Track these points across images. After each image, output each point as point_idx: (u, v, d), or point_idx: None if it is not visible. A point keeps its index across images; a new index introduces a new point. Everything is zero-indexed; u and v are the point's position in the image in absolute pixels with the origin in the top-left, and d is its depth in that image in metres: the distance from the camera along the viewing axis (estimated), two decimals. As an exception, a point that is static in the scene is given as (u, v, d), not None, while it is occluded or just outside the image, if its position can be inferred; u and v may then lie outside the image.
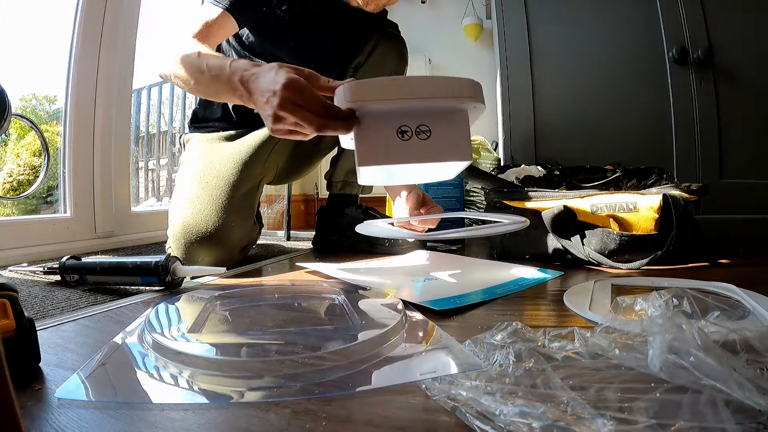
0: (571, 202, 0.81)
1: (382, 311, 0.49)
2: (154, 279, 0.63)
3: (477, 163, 1.49)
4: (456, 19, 2.10)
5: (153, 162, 1.96)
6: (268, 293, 0.60)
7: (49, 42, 1.18)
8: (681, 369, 0.27)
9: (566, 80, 1.43)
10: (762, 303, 0.46)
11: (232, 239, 0.84)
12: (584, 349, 0.32)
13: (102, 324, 0.50)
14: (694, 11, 1.31)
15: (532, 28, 1.44)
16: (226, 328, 0.48)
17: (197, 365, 0.34)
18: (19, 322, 0.34)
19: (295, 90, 0.50)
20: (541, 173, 0.96)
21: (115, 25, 1.18)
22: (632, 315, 0.41)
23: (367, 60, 0.98)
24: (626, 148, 1.35)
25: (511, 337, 0.35)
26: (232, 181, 0.85)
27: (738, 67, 1.30)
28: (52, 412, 0.29)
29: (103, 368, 0.35)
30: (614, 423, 0.23)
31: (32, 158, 1.34)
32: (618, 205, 0.78)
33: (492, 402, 0.26)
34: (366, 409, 0.29)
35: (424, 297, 0.54)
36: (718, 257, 0.81)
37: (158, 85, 1.88)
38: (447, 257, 0.90)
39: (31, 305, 0.57)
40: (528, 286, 0.62)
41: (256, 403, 0.30)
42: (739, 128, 1.30)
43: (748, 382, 0.24)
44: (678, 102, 1.33)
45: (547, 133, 1.43)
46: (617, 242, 0.75)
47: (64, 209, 1.13)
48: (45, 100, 1.30)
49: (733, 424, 0.22)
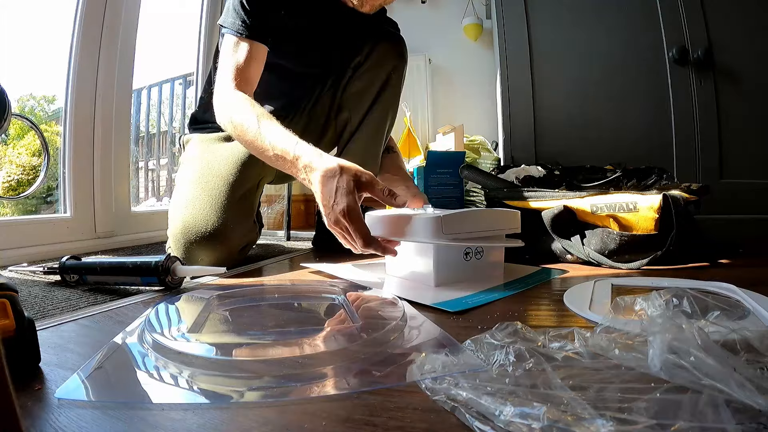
0: (571, 202, 0.81)
1: (383, 311, 0.49)
2: (154, 279, 0.63)
3: (477, 163, 1.49)
4: (456, 19, 2.10)
5: (153, 162, 1.96)
6: (268, 293, 0.60)
7: (48, 42, 1.18)
8: (681, 369, 0.27)
9: (566, 80, 1.43)
10: (762, 303, 0.46)
11: (231, 239, 0.84)
12: (584, 349, 0.32)
13: (102, 324, 0.50)
14: (694, 11, 1.31)
15: (532, 28, 1.44)
16: (226, 328, 0.48)
17: (197, 365, 0.34)
18: (19, 322, 0.34)
19: (349, 218, 0.59)
20: (541, 173, 0.96)
21: (115, 25, 1.18)
22: (632, 315, 0.41)
23: (367, 59, 0.98)
24: (626, 148, 1.35)
25: (511, 337, 0.35)
26: (232, 181, 0.85)
27: (738, 67, 1.30)
28: (52, 412, 0.29)
29: (103, 368, 0.35)
30: (614, 423, 0.23)
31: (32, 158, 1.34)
32: (618, 205, 0.78)
33: (492, 402, 0.26)
34: (366, 409, 0.29)
35: (428, 298, 0.54)
36: (718, 257, 0.81)
37: (158, 85, 1.88)
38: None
39: (31, 305, 0.57)
40: (528, 286, 0.62)
41: (256, 403, 0.30)
42: (739, 128, 1.30)
43: (748, 382, 0.24)
44: (678, 102, 1.33)
45: (547, 133, 1.43)
46: (617, 242, 0.75)
47: (64, 209, 1.13)
48: (44, 100, 1.30)
49: (733, 424, 0.22)
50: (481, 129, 1.88)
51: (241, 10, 0.79)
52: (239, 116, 0.74)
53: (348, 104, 1.00)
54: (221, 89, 0.79)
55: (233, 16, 0.80)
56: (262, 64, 0.83)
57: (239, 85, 0.78)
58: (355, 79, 0.99)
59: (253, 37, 0.80)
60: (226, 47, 0.82)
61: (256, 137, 0.71)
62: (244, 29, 0.79)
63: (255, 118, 0.71)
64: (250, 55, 0.79)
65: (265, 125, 0.70)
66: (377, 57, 0.98)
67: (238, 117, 0.74)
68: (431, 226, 0.58)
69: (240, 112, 0.74)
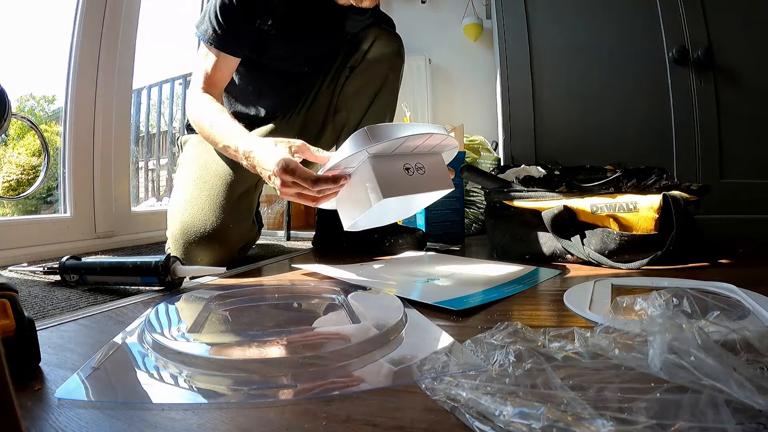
0: (571, 202, 0.81)
1: (382, 311, 0.49)
2: (154, 279, 0.63)
3: (477, 163, 1.48)
4: (456, 19, 2.10)
5: (153, 162, 1.96)
6: (268, 293, 0.60)
7: (48, 42, 1.18)
8: (681, 369, 0.27)
9: (566, 80, 1.43)
10: (762, 303, 0.46)
11: (230, 239, 0.84)
12: (584, 349, 0.32)
13: (102, 324, 0.50)
14: (694, 11, 1.31)
15: (532, 28, 1.44)
16: (226, 328, 0.48)
17: (197, 365, 0.34)
18: (19, 322, 0.34)
19: (288, 172, 0.61)
20: (541, 173, 0.95)
21: (115, 25, 1.18)
22: (632, 315, 0.41)
23: (364, 59, 0.97)
24: (626, 148, 1.35)
25: (511, 337, 0.35)
26: (230, 180, 0.85)
27: (738, 67, 1.30)
28: (52, 412, 0.29)
29: (103, 368, 0.35)
30: (614, 423, 0.23)
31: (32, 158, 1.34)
32: (618, 205, 0.78)
33: (492, 402, 0.26)
34: (366, 409, 0.29)
35: (428, 298, 0.54)
36: (718, 257, 0.81)
37: (158, 85, 1.88)
38: (447, 258, 0.90)
39: (31, 305, 0.57)
40: (529, 286, 0.62)
41: (256, 403, 0.30)
42: (739, 128, 1.30)
43: (748, 381, 0.24)
44: (678, 102, 1.33)
45: (547, 133, 1.43)
46: (617, 242, 0.75)
47: (64, 209, 1.13)
48: (43, 100, 1.30)
49: (733, 424, 0.22)
50: (481, 129, 1.88)
51: (214, 20, 0.81)
52: (199, 114, 0.81)
53: (346, 104, 1.00)
54: (191, 91, 0.86)
55: (207, 24, 0.82)
56: (230, 71, 0.87)
57: (206, 89, 0.83)
58: (353, 78, 0.98)
59: (221, 48, 0.82)
60: (200, 52, 0.86)
61: (210, 133, 0.78)
62: (213, 39, 0.82)
63: (210, 116, 0.78)
64: (216, 64, 0.83)
65: (217, 122, 0.77)
66: (374, 56, 0.97)
67: (198, 115, 0.81)
68: (358, 136, 0.59)
69: (200, 111, 0.81)
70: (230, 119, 0.77)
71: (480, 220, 1.38)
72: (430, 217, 1.09)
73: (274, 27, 0.86)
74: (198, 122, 0.81)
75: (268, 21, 0.85)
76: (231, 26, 0.81)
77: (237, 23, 0.82)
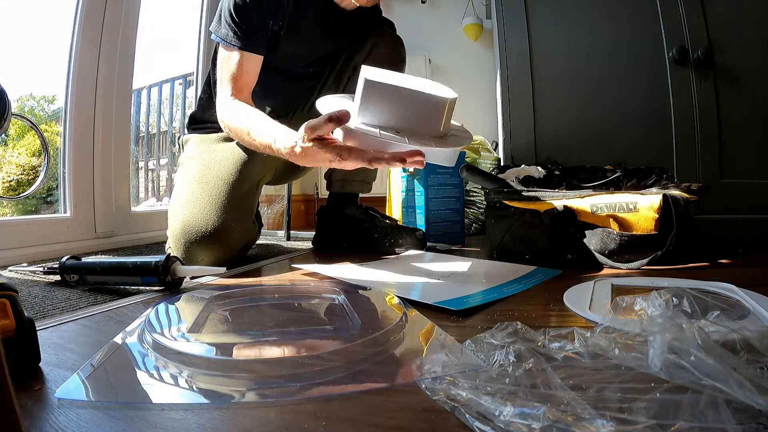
0: (571, 202, 0.81)
1: (382, 311, 0.49)
2: (154, 279, 0.63)
3: (477, 163, 1.48)
4: (456, 19, 2.10)
5: (153, 162, 1.96)
6: (268, 293, 0.60)
7: (48, 42, 1.18)
8: (681, 369, 0.27)
9: (566, 80, 1.43)
10: (762, 303, 0.46)
11: (231, 239, 0.84)
12: (584, 349, 0.32)
13: (102, 324, 0.50)
14: (694, 11, 1.31)
15: (532, 28, 1.44)
16: (226, 328, 0.48)
17: (197, 365, 0.34)
18: (19, 322, 0.34)
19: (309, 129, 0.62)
20: (541, 173, 0.95)
21: (115, 25, 1.18)
22: (632, 315, 0.41)
23: (366, 60, 0.98)
24: (626, 148, 1.34)
25: (511, 337, 0.35)
26: (231, 180, 0.86)
27: (738, 67, 1.30)
28: (52, 412, 0.29)
29: (103, 368, 0.35)
30: (614, 423, 0.23)
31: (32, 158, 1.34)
32: (618, 205, 0.78)
33: (492, 402, 0.26)
34: (366, 409, 0.29)
35: (428, 297, 0.54)
36: (718, 257, 0.81)
37: (158, 85, 1.88)
38: (447, 257, 0.90)
39: (31, 305, 0.57)
40: (528, 286, 0.62)
41: (256, 403, 0.30)
42: (739, 128, 1.30)
43: (748, 381, 0.24)
44: (678, 102, 1.33)
45: (547, 133, 1.43)
46: (617, 242, 0.75)
47: (64, 209, 1.13)
48: (43, 100, 1.30)
49: (733, 424, 0.22)
50: (481, 129, 1.88)
51: (231, 21, 0.81)
52: (235, 122, 0.80)
53: None
54: (220, 99, 0.85)
55: (225, 27, 0.82)
56: (256, 71, 0.86)
57: (235, 94, 0.83)
58: (355, 78, 0.99)
59: (243, 47, 0.82)
60: (220, 57, 0.86)
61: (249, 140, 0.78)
62: (234, 40, 0.82)
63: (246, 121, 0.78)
64: (241, 66, 0.83)
65: (254, 126, 0.76)
66: (376, 57, 0.98)
67: (234, 123, 0.81)
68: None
69: (235, 119, 0.81)
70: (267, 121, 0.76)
71: (480, 220, 1.38)
72: (430, 217, 1.09)
73: (282, 27, 0.87)
74: (234, 128, 0.81)
75: (279, 21, 0.86)
76: (248, 25, 0.82)
77: (253, 21, 0.82)
